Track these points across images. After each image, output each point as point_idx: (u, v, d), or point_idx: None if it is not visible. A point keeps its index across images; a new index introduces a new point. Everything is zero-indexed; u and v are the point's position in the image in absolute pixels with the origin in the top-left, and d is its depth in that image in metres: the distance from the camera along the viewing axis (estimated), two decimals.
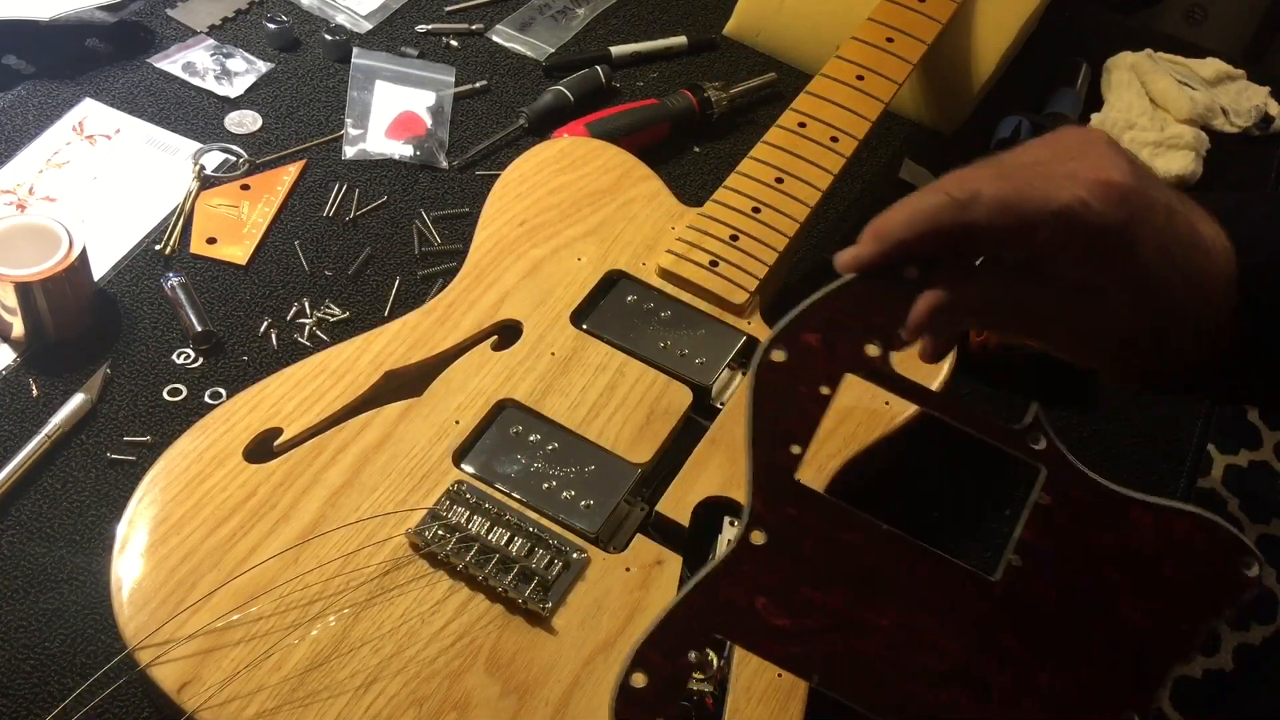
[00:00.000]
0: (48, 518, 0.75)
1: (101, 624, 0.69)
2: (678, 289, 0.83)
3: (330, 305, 0.88)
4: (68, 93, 0.99)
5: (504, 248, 0.83)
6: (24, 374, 0.81)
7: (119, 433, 0.79)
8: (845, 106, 0.91)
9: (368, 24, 1.11)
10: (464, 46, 1.11)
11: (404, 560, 0.68)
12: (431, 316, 0.79)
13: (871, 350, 0.55)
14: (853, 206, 1.03)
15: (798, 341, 0.55)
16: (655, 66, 1.13)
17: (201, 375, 0.83)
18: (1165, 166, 1.08)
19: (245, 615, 0.65)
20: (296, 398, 0.74)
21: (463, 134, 1.03)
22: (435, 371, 0.76)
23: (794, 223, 0.85)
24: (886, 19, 0.98)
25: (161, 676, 0.62)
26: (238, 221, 0.93)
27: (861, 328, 0.55)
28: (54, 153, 0.95)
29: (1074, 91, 1.15)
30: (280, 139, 0.99)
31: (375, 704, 0.62)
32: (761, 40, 1.16)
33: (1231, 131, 1.16)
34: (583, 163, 0.90)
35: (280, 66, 1.05)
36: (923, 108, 1.11)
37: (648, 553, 0.70)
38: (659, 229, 0.86)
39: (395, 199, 0.97)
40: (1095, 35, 1.23)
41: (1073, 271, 0.52)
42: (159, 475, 0.70)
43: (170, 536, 0.67)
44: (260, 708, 0.62)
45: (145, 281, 0.88)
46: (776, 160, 0.88)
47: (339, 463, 0.71)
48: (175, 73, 1.03)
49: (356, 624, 0.65)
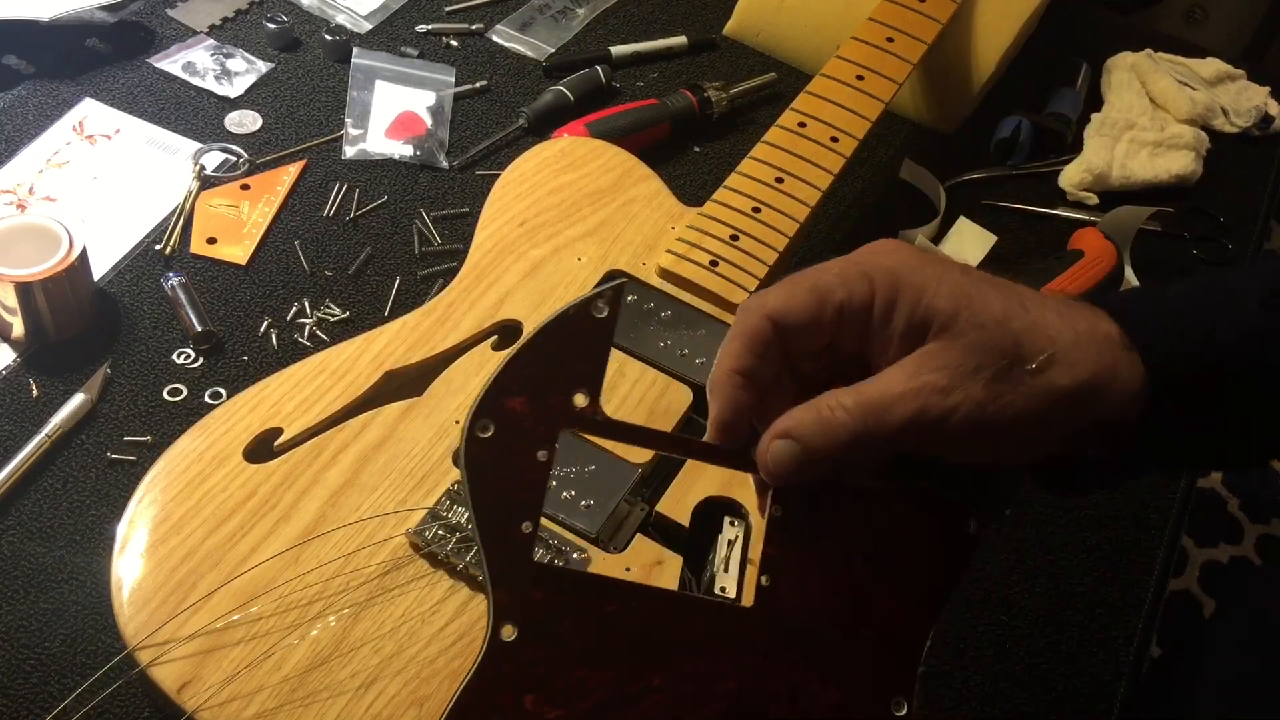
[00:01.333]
0: (48, 518, 0.75)
1: (101, 624, 0.69)
2: (678, 289, 0.83)
3: (330, 305, 0.88)
4: (68, 93, 0.99)
5: (504, 248, 0.83)
6: (24, 374, 0.81)
7: (119, 433, 0.79)
8: (845, 106, 0.91)
9: (368, 24, 1.11)
10: (464, 46, 1.11)
11: (404, 560, 0.68)
12: (431, 316, 0.79)
13: (580, 400, 0.52)
14: (853, 206, 1.03)
15: (502, 410, 0.51)
16: (655, 66, 1.13)
17: (201, 375, 0.83)
18: (1165, 166, 1.09)
19: (245, 615, 0.65)
20: (296, 398, 0.74)
21: (463, 134, 1.03)
22: (435, 371, 0.76)
23: (794, 223, 0.85)
24: (886, 19, 0.98)
25: (161, 676, 0.62)
26: (238, 221, 0.93)
27: (565, 379, 0.52)
28: (54, 153, 0.95)
29: (1074, 91, 1.15)
30: (280, 139, 0.99)
31: (375, 704, 0.62)
32: (761, 40, 1.16)
33: (1231, 131, 1.17)
34: (583, 163, 0.90)
35: (280, 66, 1.05)
36: (923, 108, 1.11)
37: (648, 553, 0.70)
38: (659, 229, 0.86)
39: (395, 199, 0.97)
40: (1095, 35, 1.23)
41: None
42: (159, 475, 0.70)
43: (170, 536, 0.67)
44: (260, 708, 0.62)
45: (145, 281, 0.88)
46: (776, 160, 0.88)
47: (339, 463, 0.71)
48: (175, 73, 1.03)
49: (357, 624, 0.65)
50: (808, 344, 0.52)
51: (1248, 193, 1.12)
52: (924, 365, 0.50)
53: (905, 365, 0.50)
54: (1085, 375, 0.50)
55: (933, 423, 0.49)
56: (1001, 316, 0.50)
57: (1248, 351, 0.52)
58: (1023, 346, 0.50)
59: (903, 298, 0.51)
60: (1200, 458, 0.57)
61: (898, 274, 0.51)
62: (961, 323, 0.50)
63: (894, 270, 0.51)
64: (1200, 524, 1.86)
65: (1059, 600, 0.80)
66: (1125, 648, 0.78)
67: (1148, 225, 1.02)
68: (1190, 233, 1.06)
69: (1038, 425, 0.50)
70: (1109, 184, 1.07)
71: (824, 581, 0.53)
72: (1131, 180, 1.08)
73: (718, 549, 0.70)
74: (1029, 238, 1.03)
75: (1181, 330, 0.52)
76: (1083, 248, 0.95)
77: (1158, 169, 1.08)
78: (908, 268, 0.51)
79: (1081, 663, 0.77)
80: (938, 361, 0.50)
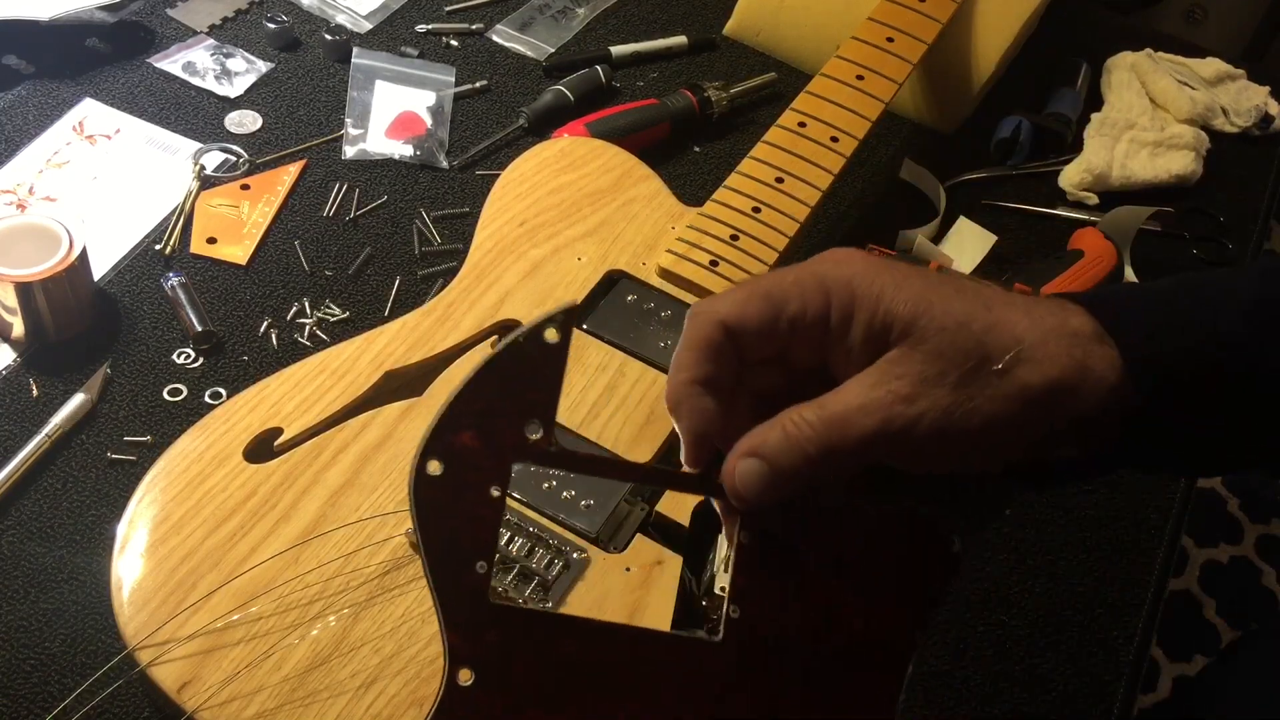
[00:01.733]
0: (48, 518, 0.75)
1: (101, 624, 0.69)
2: (678, 289, 0.83)
3: (330, 305, 0.88)
4: (68, 93, 0.99)
5: (504, 248, 0.83)
6: (24, 374, 0.81)
7: (119, 433, 0.79)
8: (845, 106, 0.91)
9: (368, 24, 1.11)
10: (464, 46, 1.11)
11: (404, 560, 0.68)
12: (431, 316, 0.79)
13: (533, 432, 0.50)
14: (853, 206, 1.03)
15: (452, 446, 0.49)
16: (655, 66, 1.13)
17: (201, 375, 0.83)
18: (1165, 166, 1.09)
19: (245, 615, 0.65)
20: (296, 398, 0.74)
21: (463, 134, 1.03)
22: (435, 371, 0.76)
23: (794, 223, 0.85)
24: (886, 19, 0.98)
25: (161, 676, 0.62)
26: (238, 221, 0.93)
27: (516, 410, 0.50)
28: (54, 153, 0.95)
29: (1074, 91, 1.15)
30: (280, 139, 0.99)
31: (375, 704, 0.62)
32: (761, 40, 1.16)
33: (1231, 131, 1.17)
34: (583, 163, 0.90)
35: (280, 66, 1.05)
36: (923, 108, 1.11)
37: (648, 553, 0.70)
38: (659, 229, 0.86)
39: (395, 199, 0.97)
40: (1095, 35, 1.23)
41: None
42: (159, 475, 0.70)
43: (170, 536, 0.67)
44: (260, 708, 0.62)
45: (145, 281, 0.88)
46: (776, 160, 0.88)
47: (339, 463, 0.71)
48: (175, 73, 1.03)
49: (357, 624, 0.65)
50: (761, 352, 0.51)
51: (1248, 193, 1.12)
52: (886, 374, 0.48)
53: (867, 375, 0.49)
54: (1055, 372, 0.48)
55: (898, 433, 0.47)
56: (963, 318, 0.48)
57: (1247, 349, 0.50)
58: (987, 347, 0.48)
59: (860, 306, 0.49)
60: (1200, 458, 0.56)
61: (853, 283, 0.49)
62: (921, 328, 0.48)
63: (849, 279, 0.49)
64: (1200, 524, 1.86)
65: (1059, 600, 0.80)
66: (1125, 648, 0.78)
67: (1148, 225, 1.02)
68: (1190, 233, 1.06)
69: (1008, 429, 0.48)
70: (1109, 184, 1.07)
71: (797, 609, 0.51)
72: (1131, 180, 1.08)
73: (718, 549, 0.70)
74: (1029, 238, 1.03)
75: (1172, 322, 0.50)
76: (1083, 248, 0.95)
77: (1158, 169, 1.08)
78: (863, 276, 0.49)
79: (1081, 663, 0.77)
80: (900, 369, 0.48)
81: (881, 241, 0.94)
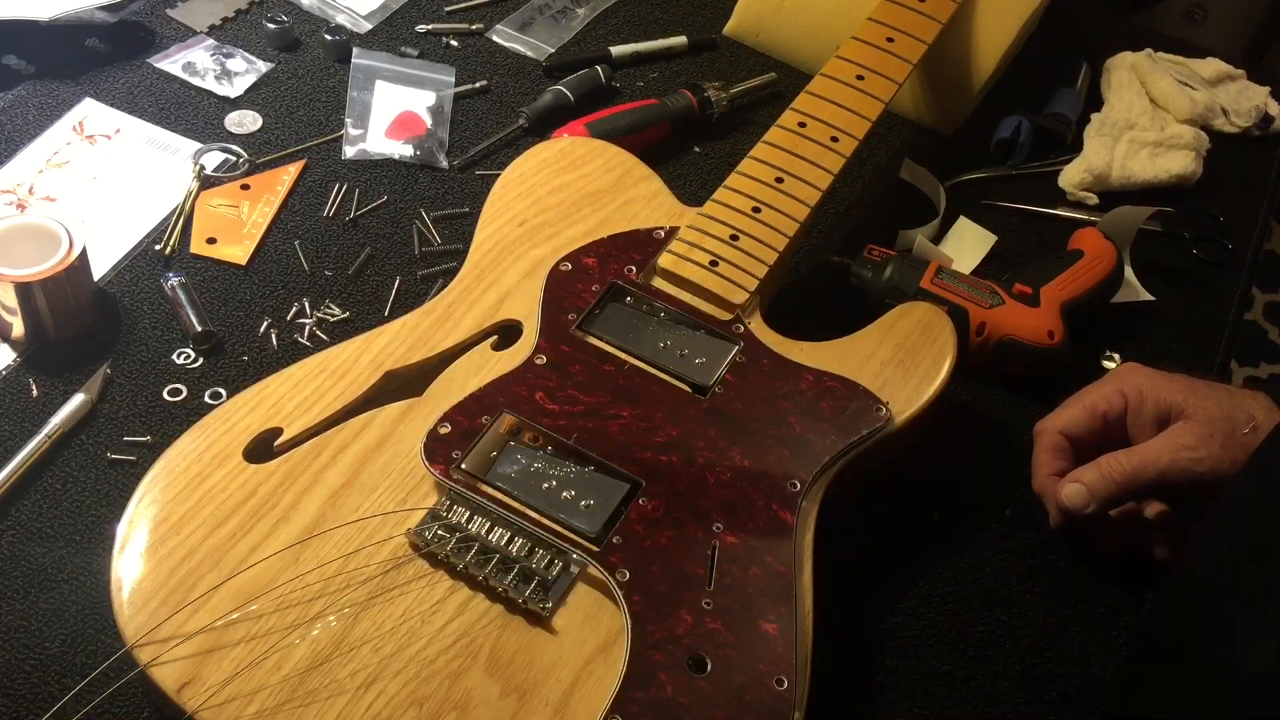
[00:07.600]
0: (48, 518, 0.75)
1: (101, 624, 0.69)
2: (678, 289, 0.83)
3: (330, 305, 0.88)
4: (68, 93, 1.00)
5: (504, 247, 0.83)
6: (24, 374, 0.81)
7: (119, 433, 0.79)
8: (845, 106, 0.91)
9: (368, 24, 1.11)
10: (464, 46, 1.11)
11: (404, 560, 0.68)
12: (431, 316, 0.79)
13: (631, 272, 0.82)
14: (853, 206, 1.03)
15: (579, 262, 0.82)
16: (655, 66, 1.13)
17: (201, 375, 0.83)
18: (1165, 166, 1.08)
19: (245, 615, 0.65)
20: (296, 398, 0.74)
21: (463, 134, 1.03)
22: (435, 371, 0.76)
23: (794, 223, 0.85)
24: (886, 19, 0.98)
25: (161, 676, 0.62)
26: (238, 221, 0.93)
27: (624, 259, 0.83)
28: (54, 153, 0.95)
29: (1074, 91, 1.15)
30: (280, 139, 0.99)
31: (375, 704, 0.62)
32: (761, 40, 1.16)
33: (1231, 131, 1.17)
34: (583, 163, 0.90)
35: (280, 66, 1.05)
36: (923, 108, 1.11)
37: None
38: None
39: (395, 199, 0.97)
40: (1095, 35, 1.23)
41: None
42: (159, 475, 0.70)
43: (170, 536, 0.67)
44: (260, 707, 0.62)
45: (145, 281, 0.88)
46: (776, 160, 0.88)
47: (339, 463, 0.71)
48: (175, 73, 1.03)
49: (357, 624, 0.65)
50: (1088, 443, 0.80)
51: (1248, 193, 1.12)
52: (1175, 434, 0.76)
53: (1163, 436, 0.77)
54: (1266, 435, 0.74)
55: (1183, 470, 0.75)
56: (1217, 401, 0.76)
57: None
58: (1234, 419, 0.75)
59: (1147, 399, 0.78)
60: None
61: (1141, 386, 0.79)
62: (1193, 408, 0.76)
63: (1139, 385, 0.79)
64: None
65: (1059, 600, 0.80)
66: (1125, 648, 0.78)
67: (1148, 225, 1.02)
68: (1190, 233, 1.05)
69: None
70: (1109, 184, 1.07)
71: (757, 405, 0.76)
72: (1131, 180, 1.07)
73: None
74: (1029, 238, 1.03)
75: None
76: (1083, 248, 0.95)
77: (1158, 169, 1.08)
78: (1148, 381, 0.79)
79: (1081, 663, 0.77)
80: (1184, 431, 0.76)
81: (881, 241, 0.94)
